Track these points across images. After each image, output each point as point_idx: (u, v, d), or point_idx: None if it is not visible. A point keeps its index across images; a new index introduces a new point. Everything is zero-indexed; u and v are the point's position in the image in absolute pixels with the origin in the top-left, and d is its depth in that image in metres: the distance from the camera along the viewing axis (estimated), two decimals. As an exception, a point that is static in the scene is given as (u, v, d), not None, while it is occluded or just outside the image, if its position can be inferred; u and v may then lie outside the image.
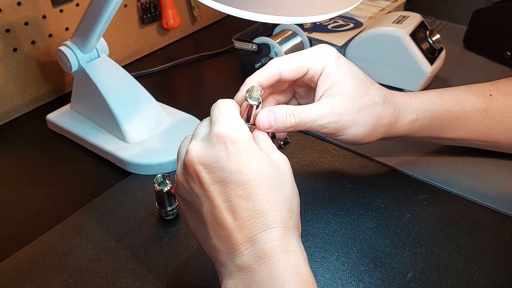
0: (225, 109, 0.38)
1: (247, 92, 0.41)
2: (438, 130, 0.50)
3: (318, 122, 0.43)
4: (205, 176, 0.35)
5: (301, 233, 0.47)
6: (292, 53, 0.45)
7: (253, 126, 0.41)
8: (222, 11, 0.35)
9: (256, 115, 0.41)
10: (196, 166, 0.36)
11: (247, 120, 0.41)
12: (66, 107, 0.67)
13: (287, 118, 0.42)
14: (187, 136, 0.41)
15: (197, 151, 0.36)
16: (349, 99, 0.44)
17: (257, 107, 0.40)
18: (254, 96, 0.40)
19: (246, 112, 0.40)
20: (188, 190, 0.37)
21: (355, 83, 0.45)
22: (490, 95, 0.51)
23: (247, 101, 0.40)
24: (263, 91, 0.43)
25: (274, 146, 0.39)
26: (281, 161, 0.37)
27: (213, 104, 0.40)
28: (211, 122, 0.38)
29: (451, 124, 0.50)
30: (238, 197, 0.34)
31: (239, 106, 0.41)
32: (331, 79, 0.44)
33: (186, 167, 0.37)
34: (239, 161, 0.35)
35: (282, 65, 0.44)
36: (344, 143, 0.48)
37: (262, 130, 0.42)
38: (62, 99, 0.73)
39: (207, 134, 0.37)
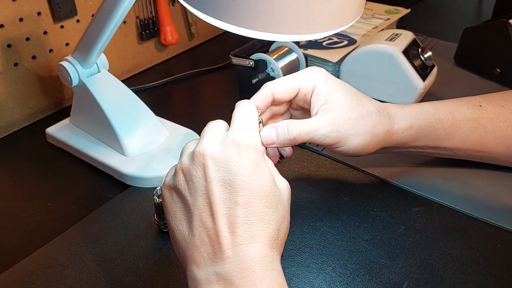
0: (247, 116, 0.39)
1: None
2: (433, 139, 0.52)
3: (320, 132, 0.45)
4: (211, 172, 0.35)
5: (298, 245, 0.48)
6: (284, 76, 0.48)
7: None
8: (227, 29, 0.37)
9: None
10: (206, 160, 0.36)
11: None
12: (66, 121, 0.68)
13: (289, 130, 0.44)
14: (194, 139, 0.41)
15: (211, 146, 0.36)
16: (345, 111, 0.45)
17: (258, 126, 0.42)
18: None
19: None
20: (187, 180, 0.37)
21: (348, 96, 0.46)
22: (480, 105, 0.53)
23: None
24: (260, 111, 0.44)
25: (278, 173, 0.39)
26: (283, 187, 0.38)
27: (237, 104, 0.41)
28: (230, 124, 0.39)
29: (445, 133, 0.51)
30: (234, 203, 0.34)
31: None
32: (324, 96, 0.46)
33: (195, 157, 0.36)
34: (246, 169, 0.35)
35: (274, 87, 0.46)
36: (345, 154, 0.48)
37: (265, 146, 0.43)
38: (61, 113, 0.74)
39: (223, 134, 0.38)
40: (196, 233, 0.35)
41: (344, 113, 0.45)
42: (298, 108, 0.50)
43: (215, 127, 0.39)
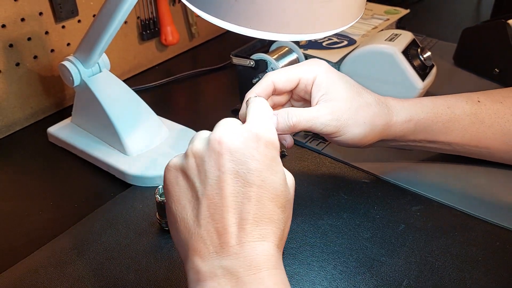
0: (265, 112, 0.38)
1: (246, 104, 0.43)
2: (432, 133, 0.52)
3: (320, 120, 0.45)
4: (226, 162, 0.34)
5: (299, 243, 0.49)
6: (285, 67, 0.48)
7: None
8: (229, 29, 0.37)
9: None
10: (222, 148, 0.34)
11: None
12: (67, 121, 0.68)
13: (289, 117, 0.44)
14: (205, 130, 0.39)
15: (229, 136, 0.35)
16: (345, 101, 0.46)
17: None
18: None
19: None
20: (199, 165, 0.35)
21: (348, 87, 0.47)
22: (478, 101, 0.53)
23: None
24: None
25: (285, 169, 0.38)
26: (290, 184, 0.37)
27: (248, 100, 0.40)
28: (246, 119, 0.38)
29: (444, 127, 0.52)
30: (247, 198, 0.33)
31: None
32: (325, 86, 0.47)
33: (211, 143, 0.35)
34: (262, 165, 0.34)
35: (275, 76, 0.47)
36: (344, 145, 0.48)
37: None
38: (63, 113, 0.74)
39: (242, 128, 0.36)
40: (203, 223, 0.33)
41: (344, 103, 0.46)
42: (299, 99, 0.50)
43: (231, 120, 0.37)
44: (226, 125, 0.36)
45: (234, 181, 0.34)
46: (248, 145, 0.34)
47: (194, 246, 0.33)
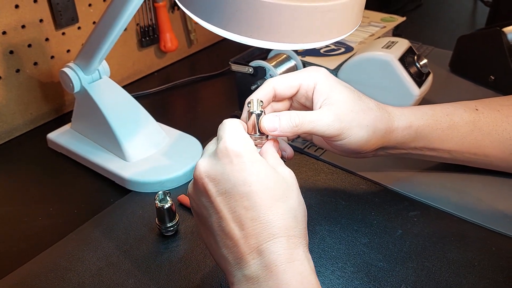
0: (229, 126, 0.40)
1: (248, 106, 0.44)
2: (432, 140, 0.52)
3: (323, 122, 0.45)
4: (211, 188, 0.37)
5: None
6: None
7: (262, 136, 0.43)
8: (230, 38, 0.38)
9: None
10: (203, 180, 0.38)
11: (256, 132, 0.43)
12: (66, 127, 0.69)
13: (291, 118, 0.44)
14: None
15: (204, 165, 0.38)
16: (347, 104, 0.46)
17: (260, 115, 0.43)
18: (255, 107, 0.43)
19: (252, 124, 0.43)
20: (198, 203, 0.39)
21: (348, 91, 0.48)
22: (476, 109, 0.54)
23: (251, 113, 0.43)
24: (263, 103, 0.45)
25: (281, 161, 0.41)
26: (287, 174, 0.39)
27: (220, 124, 0.42)
28: (217, 139, 0.40)
29: (443, 134, 0.52)
30: (243, 208, 0.36)
31: (245, 124, 0.43)
32: (326, 91, 0.47)
33: (195, 181, 0.39)
34: (243, 173, 0.36)
35: (276, 82, 0.47)
36: (347, 150, 0.48)
37: (268, 134, 0.44)
38: (62, 119, 0.75)
39: (214, 150, 0.39)
40: (221, 245, 0.37)
41: (346, 106, 0.46)
42: (300, 106, 0.50)
43: (209, 144, 0.41)
44: (203, 154, 0.40)
45: (226, 200, 0.37)
46: (220, 164, 0.37)
47: (223, 265, 0.38)
